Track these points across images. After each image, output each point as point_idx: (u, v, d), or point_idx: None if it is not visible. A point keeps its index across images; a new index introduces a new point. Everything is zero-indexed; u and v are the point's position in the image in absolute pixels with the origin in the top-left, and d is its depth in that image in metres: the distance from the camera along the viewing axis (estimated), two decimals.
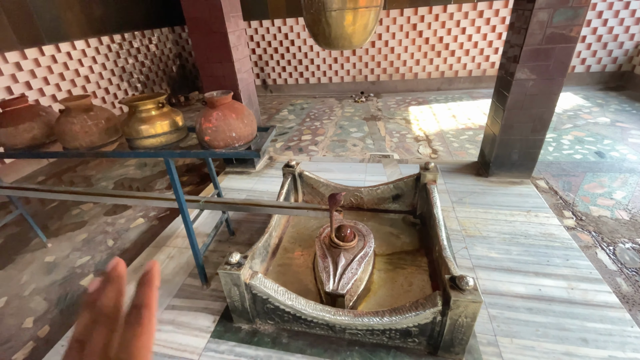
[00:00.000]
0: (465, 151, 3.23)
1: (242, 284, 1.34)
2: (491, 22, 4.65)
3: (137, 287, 0.29)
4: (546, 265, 1.73)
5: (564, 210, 2.25)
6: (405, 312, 1.25)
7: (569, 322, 1.43)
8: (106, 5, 4.29)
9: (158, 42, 5.27)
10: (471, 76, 5.08)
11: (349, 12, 1.07)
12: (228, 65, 2.40)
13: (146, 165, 3.50)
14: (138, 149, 1.39)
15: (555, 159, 2.91)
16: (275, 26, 5.16)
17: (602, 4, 4.31)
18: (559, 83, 2.13)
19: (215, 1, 2.18)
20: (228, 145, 1.35)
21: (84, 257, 2.21)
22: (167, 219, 2.53)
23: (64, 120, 1.40)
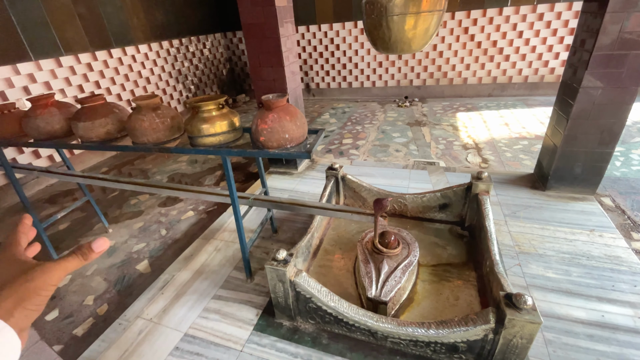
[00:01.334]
0: (519, 162, 3.04)
1: (287, 280, 1.38)
2: (552, 26, 4.35)
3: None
4: (611, 290, 1.58)
5: (632, 231, 2.03)
6: (454, 326, 1.20)
7: (635, 353, 1.29)
8: (167, 12, 4.64)
9: (211, 46, 5.58)
10: (527, 82, 4.78)
11: (410, 17, 1.06)
12: (279, 69, 2.48)
13: (197, 162, 3.71)
14: (199, 146, 1.49)
15: (623, 175, 2.64)
16: (322, 31, 5.24)
17: None
18: (632, 92, 1.94)
19: (271, 7, 2.27)
20: (281, 146, 1.39)
21: (140, 243, 2.39)
22: (215, 213, 2.66)
23: (135, 117, 1.53)
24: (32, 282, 0.40)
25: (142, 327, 1.60)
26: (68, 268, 0.43)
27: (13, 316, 0.37)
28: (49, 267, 0.42)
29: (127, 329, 1.60)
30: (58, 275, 0.42)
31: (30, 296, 0.39)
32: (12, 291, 0.39)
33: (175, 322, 1.61)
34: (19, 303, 0.38)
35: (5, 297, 0.38)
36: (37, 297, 0.40)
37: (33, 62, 3.14)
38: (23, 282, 0.40)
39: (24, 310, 0.39)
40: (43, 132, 1.72)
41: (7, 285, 0.39)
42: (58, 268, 0.42)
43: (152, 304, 1.73)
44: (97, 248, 0.45)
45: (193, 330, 1.56)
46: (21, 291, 0.39)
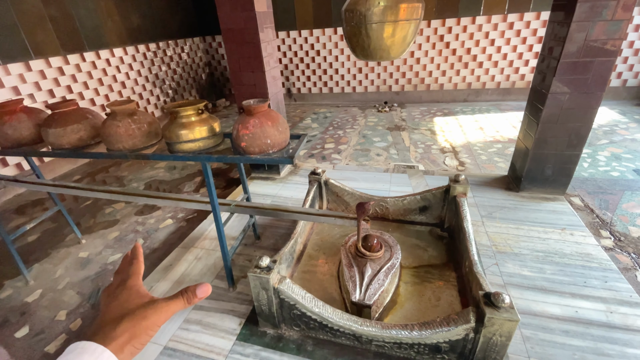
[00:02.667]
0: (494, 164, 3.16)
1: (270, 288, 1.36)
2: (522, 34, 4.57)
3: (131, 254, 0.52)
4: (583, 286, 1.65)
5: (601, 229, 2.15)
6: (436, 326, 1.22)
7: (608, 347, 1.36)
8: (144, 16, 4.53)
9: (190, 50, 5.49)
10: (499, 88, 4.98)
11: (389, 25, 1.08)
12: (259, 74, 2.47)
13: (175, 168, 3.62)
14: (177, 152, 1.45)
15: (590, 176, 2.79)
16: (302, 37, 5.27)
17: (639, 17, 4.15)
18: (597, 97, 2.06)
19: (250, 13, 2.26)
20: (263, 152, 1.38)
21: (116, 254, 2.30)
22: (195, 220, 2.60)
23: (110, 123, 1.48)
24: (146, 320, 0.41)
25: None
26: (174, 310, 0.43)
27: (122, 352, 0.38)
28: (160, 307, 0.42)
29: None
30: (165, 317, 0.42)
31: (141, 335, 0.40)
32: (129, 325, 0.40)
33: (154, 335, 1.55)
34: (130, 340, 0.39)
35: (122, 330, 0.39)
36: (145, 337, 0.41)
37: (0, 66, 2.98)
38: (140, 320, 0.40)
39: (132, 347, 0.39)
40: (11, 140, 1.63)
41: (127, 318, 0.40)
42: (167, 310, 0.43)
43: None
44: (200, 294, 0.45)
45: (173, 342, 1.51)
46: (136, 328, 0.40)
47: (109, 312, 0.42)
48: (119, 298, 0.43)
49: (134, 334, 0.39)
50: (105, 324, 0.40)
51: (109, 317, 0.41)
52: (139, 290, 0.44)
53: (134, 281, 0.46)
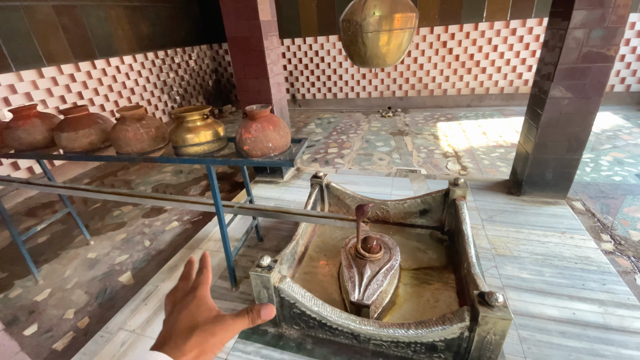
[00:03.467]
0: (497, 169, 3.17)
1: (271, 286, 1.40)
2: (524, 40, 4.60)
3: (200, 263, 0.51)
4: (581, 289, 1.66)
5: (601, 233, 2.15)
6: (432, 325, 1.25)
7: (604, 348, 1.37)
8: (153, 24, 4.67)
9: (197, 58, 5.62)
10: (503, 93, 5.00)
11: (384, 34, 1.14)
12: (264, 81, 2.54)
13: (182, 172, 3.70)
14: (183, 155, 1.51)
15: (592, 180, 2.79)
16: (307, 44, 5.36)
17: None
18: (595, 102, 2.08)
19: (255, 22, 2.34)
20: (265, 155, 1.43)
21: (123, 255, 2.36)
22: (200, 223, 2.66)
23: (119, 127, 1.55)
24: (214, 337, 0.39)
25: (125, 339, 1.58)
26: (239, 329, 0.42)
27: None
28: (228, 324, 0.41)
29: (109, 341, 1.58)
30: (231, 335, 0.41)
31: (208, 352, 0.39)
32: (199, 340, 0.39)
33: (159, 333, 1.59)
34: (199, 356, 0.38)
35: (193, 345, 0.38)
36: (211, 355, 0.39)
37: (14, 72, 3.10)
38: (209, 336, 0.39)
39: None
40: (24, 143, 1.71)
41: (197, 332, 0.39)
42: (233, 328, 0.41)
43: (135, 315, 1.71)
44: (264, 315, 0.43)
45: None
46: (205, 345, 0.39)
47: (179, 322, 0.40)
48: (189, 307, 0.42)
49: (203, 351, 0.38)
50: (175, 335, 0.39)
51: (180, 328, 0.39)
52: (207, 302, 0.43)
53: (204, 291, 0.45)
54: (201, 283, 0.46)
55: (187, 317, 0.41)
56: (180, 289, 0.47)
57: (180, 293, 0.46)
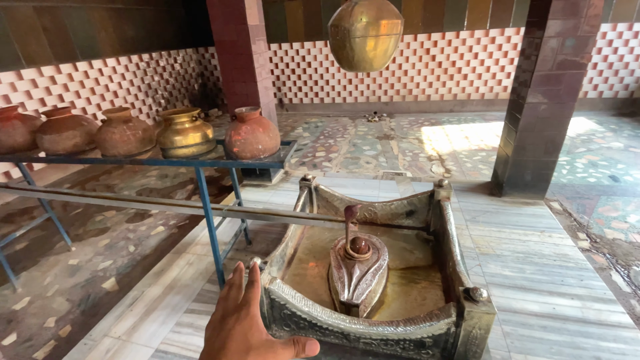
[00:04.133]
0: (479, 171, 3.27)
1: (261, 288, 1.40)
2: (503, 48, 4.79)
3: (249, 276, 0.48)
4: (560, 284, 1.74)
5: (578, 232, 2.25)
6: (420, 322, 1.28)
7: (583, 341, 1.43)
8: (137, 27, 4.61)
9: (182, 61, 5.57)
10: (484, 99, 5.18)
11: (371, 39, 1.18)
12: (252, 84, 2.55)
13: (167, 176, 3.64)
14: (171, 157, 1.50)
15: (569, 182, 2.92)
16: (294, 49, 5.41)
17: (612, 33, 4.40)
18: (570, 107, 2.20)
19: (243, 26, 2.35)
20: (254, 157, 1.44)
21: (106, 261, 2.31)
22: (186, 227, 2.62)
23: (105, 129, 1.53)
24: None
25: (110, 346, 1.54)
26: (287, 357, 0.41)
27: None
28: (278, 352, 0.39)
29: (93, 348, 1.54)
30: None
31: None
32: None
33: (146, 338, 1.56)
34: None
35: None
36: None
37: None
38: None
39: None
40: (4, 146, 1.66)
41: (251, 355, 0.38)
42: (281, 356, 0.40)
43: (120, 321, 1.67)
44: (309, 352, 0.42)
45: (165, 345, 1.53)
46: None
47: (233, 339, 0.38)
48: (243, 325, 0.40)
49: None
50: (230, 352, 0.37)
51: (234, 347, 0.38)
52: (259, 322, 0.41)
53: (256, 309, 0.43)
54: (252, 298, 0.44)
55: (241, 335, 0.39)
56: (232, 298, 0.45)
57: (232, 303, 0.44)
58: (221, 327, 0.40)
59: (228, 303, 0.44)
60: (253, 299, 0.43)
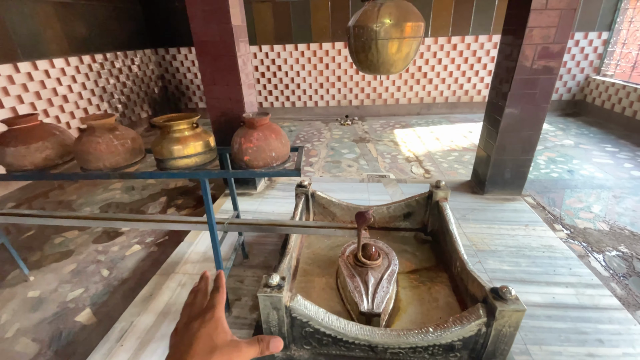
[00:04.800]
0: (455, 171, 3.43)
1: (282, 307, 1.30)
2: (464, 54, 5.10)
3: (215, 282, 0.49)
4: (554, 274, 1.85)
5: (554, 223, 2.44)
6: (450, 326, 1.27)
7: (585, 326, 1.53)
8: (89, 24, 4.16)
9: (140, 63, 5.15)
10: (447, 102, 5.47)
11: (395, 41, 1.15)
12: (236, 87, 2.41)
13: (134, 189, 3.31)
14: (170, 169, 1.35)
15: (536, 178, 3.17)
16: (263, 52, 5.27)
17: None
18: (543, 109, 2.38)
19: (226, 26, 2.21)
20: (267, 165, 1.34)
21: (76, 289, 2.01)
22: (167, 244, 2.39)
23: (88, 139, 1.32)
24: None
25: None
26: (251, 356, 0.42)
27: None
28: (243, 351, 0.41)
29: None
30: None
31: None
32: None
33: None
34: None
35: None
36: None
37: None
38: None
39: None
40: None
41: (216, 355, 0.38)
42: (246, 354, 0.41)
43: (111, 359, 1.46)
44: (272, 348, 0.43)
45: None
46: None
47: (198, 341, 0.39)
48: (208, 327, 0.41)
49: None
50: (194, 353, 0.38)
51: (199, 348, 0.39)
52: (224, 324, 0.43)
53: (221, 312, 0.44)
54: (218, 302, 0.45)
55: (206, 337, 0.40)
56: (197, 304, 0.46)
57: (196, 309, 0.45)
58: (186, 331, 0.41)
59: (193, 309, 0.45)
60: (218, 303, 0.44)
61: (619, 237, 2.27)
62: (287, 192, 2.88)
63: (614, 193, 2.83)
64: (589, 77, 5.05)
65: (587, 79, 5.05)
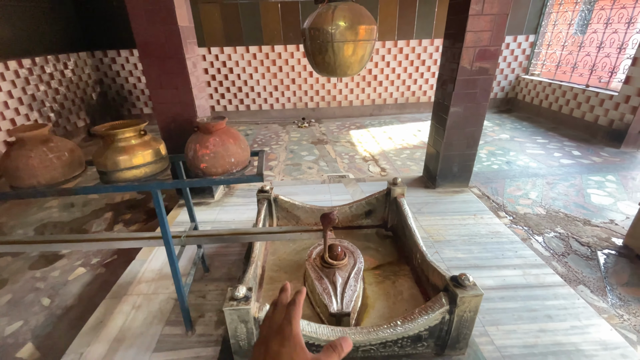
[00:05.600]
0: (408, 168, 3.59)
1: (250, 319, 1.25)
2: (409, 57, 5.38)
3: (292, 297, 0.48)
4: (502, 258, 2.02)
5: (498, 211, 2.66)
6: (416, 317, 1.32)
7: (534, 303, 1.69)
8: (14, 26, 3.68)
9: (75, 67, 4.67)
10: (397, 103, 5.73)
11: (350, 44, 1.17)
12: (185, 91, 2.29)
13: (73, 205, 3.00)
14: (117, 182, 1.23)
15: (479, 170, 3.44)
16: (212, 54, 5.08)
17: None
18: (483, 107, 2.59)
19: (173, 27, 2.10)
20: (226, 172, 1.29)
21: (14, 322, 1.77)
22: (116, 264, 2.20)
23: (17, 154, 1.17)
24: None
25: None
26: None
27: None
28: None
29: None
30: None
31: None
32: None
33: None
34: None
35: None
36: None
37: None
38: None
39: None
40: None
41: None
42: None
43: None
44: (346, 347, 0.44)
45: None
46: None
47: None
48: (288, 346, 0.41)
49: None
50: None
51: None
52: (302, 342, 0.42)
53: (297, 328, 0.43)
54: (293, 317, 0.44)
55: (287, 356, 0.40)
56: (276, 318, 0.46)
57: (275, 323, 0.45)
58: (267, 349, 0.42)
59: (272, 323, 0.45)
60: (294, 318, 0.44)
61: (555, 220, 2.53)
62: (248, 198, 2.80)
63: (547, 180, 3.16)
64: (519, 76, 5.61)
65: (518, 78, 5.62)
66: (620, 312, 1.69)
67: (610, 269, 1.99)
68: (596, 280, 1.90)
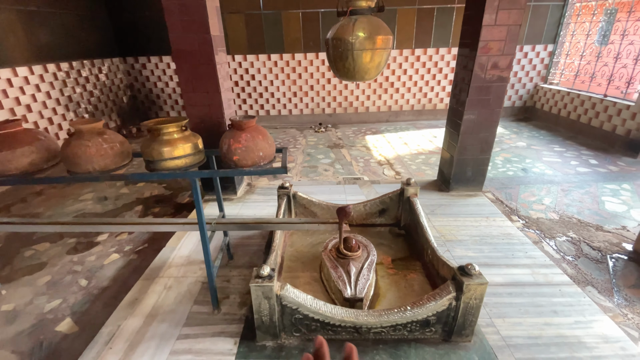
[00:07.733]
0: (423, 172, 3.68)
1: (273, 296, 1.39)
2: (426, 65, 5.48)
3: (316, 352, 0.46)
4: (512, 258, 2.08)
5: (511, 215, 2.71)
6: (425, 302, 1.42)
7: (541, 299, 1.75)
8: (54, 32, 4.04)
9: (108, 71, 5.03)
10: (413, 110, 5.82)
11: (369, 52, 1.31)
12: (215, 95, 2.49)
13: (107, 199, 3.24)
14: (160, 170, 1.41)
15: (494, 176, 3.49)
16: (236, 61, 5.35)
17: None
18: (497, 113, 2.67)
19: (205, 36, 2.30)
20: (255, 164, 1.44)
21: (54, 300, 1.96)
22: (147, 251, 2.38)
23: (77, 143, 1.36)
24: None
25: None
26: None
27: None
28: None
29: None
30: None
31: None
32: None
33: None
34: None
35: None
36: None
37: None
38: None
39: None
40: None
41: None
42: None
43: None
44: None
45: None
46: None
47: None
48: None
49: None
50: None
51: None
52: None
53: None
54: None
55: None
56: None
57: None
58: None
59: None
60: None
61: (567, 225, 2.57)
62: (267, 195, 2.96)
63: (562, 187, 3.18)
64: (537, 85, 5.62)
65: (536, 87, 5.62)
66: (624, 311, 1.73)
67: (619, 271, 2.02)
68: (604, 282, 1.94)
